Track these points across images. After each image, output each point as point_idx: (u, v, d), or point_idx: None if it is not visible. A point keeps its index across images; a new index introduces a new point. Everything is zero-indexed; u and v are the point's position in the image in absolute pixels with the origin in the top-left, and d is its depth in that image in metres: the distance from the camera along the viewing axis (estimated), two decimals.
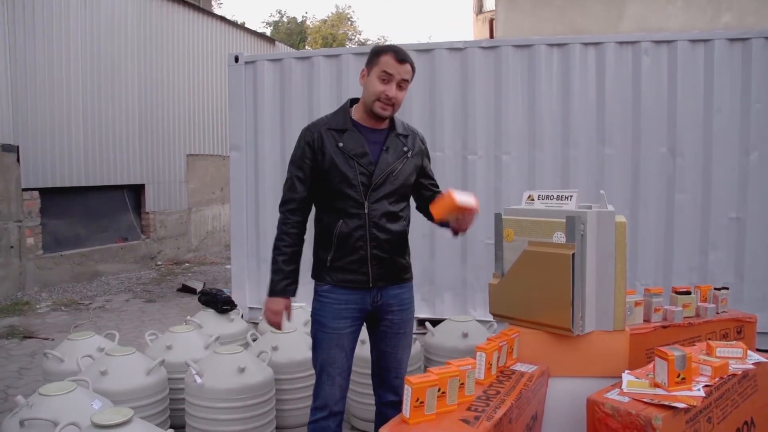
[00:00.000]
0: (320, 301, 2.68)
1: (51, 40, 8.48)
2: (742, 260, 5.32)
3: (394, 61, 2.52)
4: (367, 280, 2.61)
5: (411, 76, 2.60)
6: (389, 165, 2.61)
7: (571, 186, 5.40)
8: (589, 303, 2.86)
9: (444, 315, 5.54)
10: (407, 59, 2.56)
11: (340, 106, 2.75)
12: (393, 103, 2.56)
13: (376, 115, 2.59)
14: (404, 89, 2.59)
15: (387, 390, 2.79)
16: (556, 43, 5.56)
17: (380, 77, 2.52)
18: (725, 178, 5.31)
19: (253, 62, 6.22)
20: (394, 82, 2.53)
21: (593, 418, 2.49)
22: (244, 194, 6.32)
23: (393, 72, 2.52)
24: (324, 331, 2.65)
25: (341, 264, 2.62)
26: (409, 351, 2.86)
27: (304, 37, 29.58)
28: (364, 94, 2.60)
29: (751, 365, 2.83)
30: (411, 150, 2.70)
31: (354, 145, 2.59)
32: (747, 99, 5.25)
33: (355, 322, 2.68)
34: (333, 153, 2.57)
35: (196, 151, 11.55)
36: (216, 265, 10.57)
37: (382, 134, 2.66)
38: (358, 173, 2.56)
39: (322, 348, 2.66)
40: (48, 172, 8.46)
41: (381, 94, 2.52)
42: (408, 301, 2.78)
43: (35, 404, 2.70)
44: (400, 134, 2.69)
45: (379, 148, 2.62)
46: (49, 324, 6.60)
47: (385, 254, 2.61)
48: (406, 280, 2.77)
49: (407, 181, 2.69)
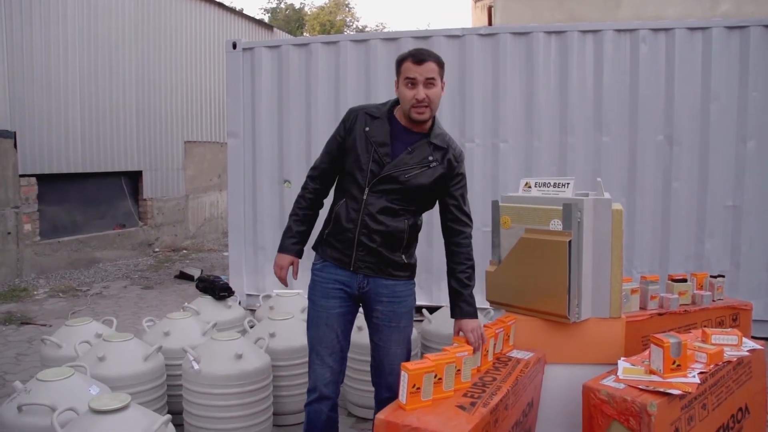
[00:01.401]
0: (313, 279, 2.75)
1: (48, 25, 8.42)
2: (738, 248, 5.35)
3: (413, 65, 2.54)
4: (350, 262, 2.65)
5: (437, 71, 2.57)
6: (405, 165, 2.59)
7: (568, 174, 5.41)
8: (585, 290, 2.88)
9: (441, 302, 5.55)
10: (425, 58, 2.55)
11: (391, 100, 2.75)
12: (426, 104, 2.55)
13: (416, 120, 2.60)
14: (435, 86, 2.57)
15: (382, 387, 2.78)
16: (554, 30, 5.54)
17: (405, 84, 2.56)
18: (722, 166, 5.32)
19: (251, 49, 6.19)
20: (419, 85, 2.53)
21: (589, 404, 2.51)
22: (241, 181, 6.32)
23: (415, 75, 2.53)
24: (315, 309, 2.71)
25: (332, 240, 2.69)
26: (405, 347, 2.77)
27: (302, 23, 29.40)
28: (402, 104, 2.63)
29: (746, 352, 2.85)
30: (437, 162, 2.64)
31: (379, 133, 2.62)
32: (744, 87, 5.26)
33: (344, 303, 2.68)
34: (358, 135, 2.64)
35: (194, 137, 11.51)
36: (213, 252, 10.57)
37: (414, 137, 2.65)
38: (371, 160, 2.59)
39: (312, 326, 2.72)
40: (45, 158, 8.42)
41: (411, 100, 2.54)
42: (401, 294, 2.72)
43: (33, 390, 2.70)
44: (434, 143, 2.65)
45: (404, 147, 2.62)
46: (47, 310, 6.61)
47: (372, 244, 2.60)
48: (398, 277, 2.70)
49: (421, 190, 2.63)
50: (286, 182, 6.19)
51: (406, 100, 2.56)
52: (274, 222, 6.24)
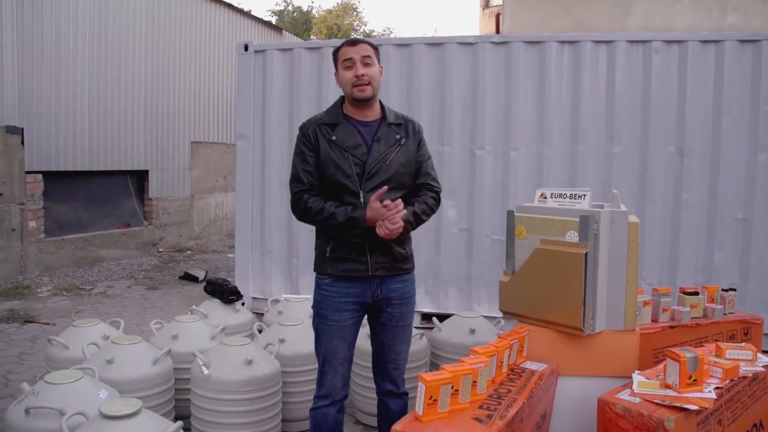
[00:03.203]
0: (321, 294, 2.72)
1: (59, 23, 8.43)
2: (747, 261, 5.33)
3: (347, 47, 2.66)
4: (367, 268, 2.65)
5: (372, 52, 2.67)
6: (381, 154, 2.66)
7: (578, 183, 5.39)
8: (600, 302, 2.86)
9: (448, 310, 5.54)
10: (359, 40, 2.69)
11: (332, 104, 2.82)
12: (367, 81, 2.62)
13: (361, 100, 2.65)
14: (372, 65, 2.65)
15: (386, 380, 2.87)
16: (567, 40, 5.53)
17: (344, 66, 2.65)
18: (732, 178, 5.31)
19: (263, 51, 6.19)
20: (357, 63, 2.62)
21: (604, 418, 2.49)
22: (249, 184, 6.30)
23: (351, 55, 2.63)
24: (326, 323, 2.70)
25: (340, 254, 2.66)
26: (409, 342, 2.90)
27: (309, 26, 29.43)
28: (343, 89, 2.70)
29: (762, 368, 2.83)
30: (404, 137, 2.74)
31: (346, 137, 2.66)
32: (756, 100, 5.25)
33: (356, 314, 2.72)
34: (327, 147, 2.65)
35: (201, 138, 11.51)
36: (218, 254, 10.56)
37: (374, 125, 2.72)
38: (352, 164, 2.63)
39: (324, 339, 2.71)
40: (52, 156, 8.43)
41: (352, 79, 2.62)
42: (409, 294, 2.81)
43: (41, 392, 2.68)
44: (392, 123, 2.74)
45: (371, 138, 2.68)
46: (50, 308, 6.59)
47: (382, 241, 2.62)
48: (406, 270, 2.79)
49: (403, 168, 2.71)
50: None
51: (347, 81, 2.63)
52: (282, 226, 6.22)
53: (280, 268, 6.28)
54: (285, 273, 6.27)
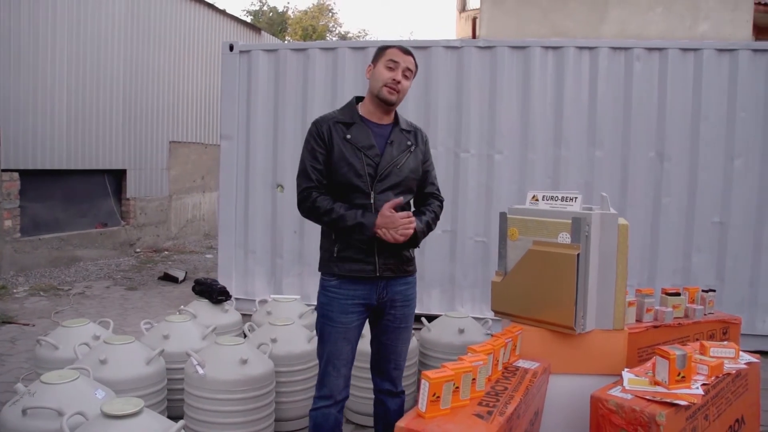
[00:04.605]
0: (328, 295, 2.72)
1: (37, 21, 8.30)
2: (724, 264, 5.47)
3: (399, 52, 2.69)
4: (374, 269, 2.67)
5: (414, 69, 2.74)
6: (394, 158, 2.70)
7: (561, 187, 5.49)
8: (591, 302, 2.94)
9: (431, 311, 5.59)
10: (411, 53, 2.73)
11: (346, 103, 2.84)
12: (399, 89, 2.66)
13: (384, 103, 2.68)
14: (409, 79, 2.72)
15: (385, 379, 2.90)
16: (551, 45, 5.63)
17: (387, 65, 2.67)
18: (710, 183, 5.46)
19: (248, 52, 6.18)
20: (399, 69, 2.66)
21: (597, 414, 2.56)
22: (233, 184, 6.29)
23: (399, 60, 2.67)
24: (332, 325, 2.69)
25: (348, 254, 2.67)
26: (408, 343, 2.95)
27: (285, 27, 29.31)
28: (372, 84, 2.71)
29: (744, 365, 2.93)
30: (414, 145, 2.80)
31: (361, 137, 2.68)
32: (733, 107, 5.40)
33: (361, 315, 2.74)
34: (341, 145, 2.66)
35: (179, 138, 11.42)
36: (195, 254, 10.49)
37: (387, 129, 2.76)
38: (365, 164, 2.65)
39: (329, 341, 2.70)
40: (29, 154, 8.30)
41: (389, 80, 2.65)
42: (411, 296, 2.86)
43: (37, 392, 2.66)
44: (404, 129, 2.79)
45: (383, 141, 2.72)
46: (28, 309, 6.50)
47: (389, 243, 2.65)
48: (410, 272, 2.83)
49: (412, 174, 2.78)
50: (279, 186, 6.18)
51: (382, 79, 2.65)
52: (266, 225, 6.22)
53: (263, 269, 6.28)
54: (268, 273, 6.27)
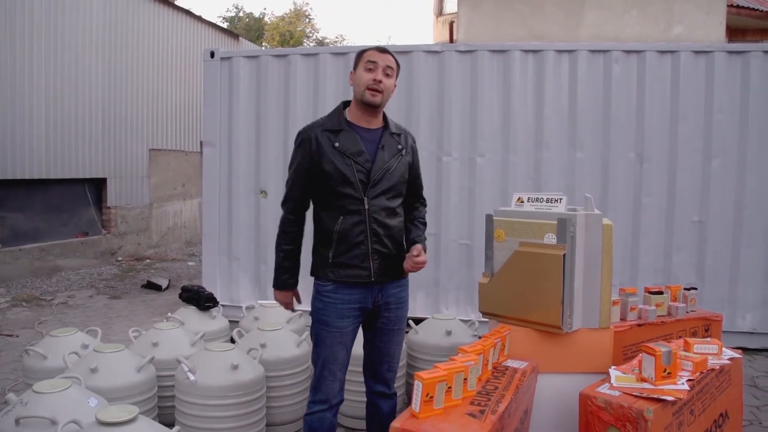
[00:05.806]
0: (323, 300, 2.72)
1: (14, 29, 8.23)
2: (703, 262, 5.57)
3: (376, 52, 2.69)
4: (369, 274, 2.68)
5: (395, 66, 2.74)
6: (385, 162, 2.71)
7: (543, 189, 5.55)
8: (577, 301, 2.99)
9: (417, 314, 5.61)
10: (389, 51, 2.73)
11: (333, 109, 2.83)
12: (381, 89, 2.66)
13: (369, 106, 2.68)
14: (391, 77, 2.71)
15: (378, 382, 2.91)
16: (531, 49, 5.71)
17: (366, 67, 2.67)
18: (689, 183, 5.56)
19: (229, 58, 6.18)
20: (379, 69, 2.66)
21: (586, 411, 2.61)
22: (216, 190, 6.28)
23: (377, 60, 2.66)
24: (328, 329, 2.70)
25: (343, 260, 2.68)
26: (402, 345, 2.98)
27: (261, 33, 29.25)
28: (355, 89, 2.72)
29: (727, 360, 3.00)
30: (404, 148, 2.81)
31: (350, 144, 2.68)
32: (710, 109, 5.51)
33: (357, 319, 2.76)
34: (330, 153, 2.65)
35: (159, 145, 11.36)
36: (177, 262, 10.43)
37: (377, 133, 2.76)
38: (356, 171, 2.65)
39: (325, 345, 2.71)
40: (8, 164, 8.21)
41: (370, 81, 2.64)
42: (404, 298, 2.88)
43: (30, 402, 2.65)
44: (393, 133, 2.79)
45: (374, 146, 2.71)
46: (11, 320, 6.43)
47: (384, 249, 2.70)
48: (405, 275, 2.85)
49: (402, 178, 2.79)
50: (262, 192, 6.18)
51: (363, 82, 2.65)
52: (250, 232, 6.22)
53: (247, 275, 6.27)
54: (253, 279, 6.26)
